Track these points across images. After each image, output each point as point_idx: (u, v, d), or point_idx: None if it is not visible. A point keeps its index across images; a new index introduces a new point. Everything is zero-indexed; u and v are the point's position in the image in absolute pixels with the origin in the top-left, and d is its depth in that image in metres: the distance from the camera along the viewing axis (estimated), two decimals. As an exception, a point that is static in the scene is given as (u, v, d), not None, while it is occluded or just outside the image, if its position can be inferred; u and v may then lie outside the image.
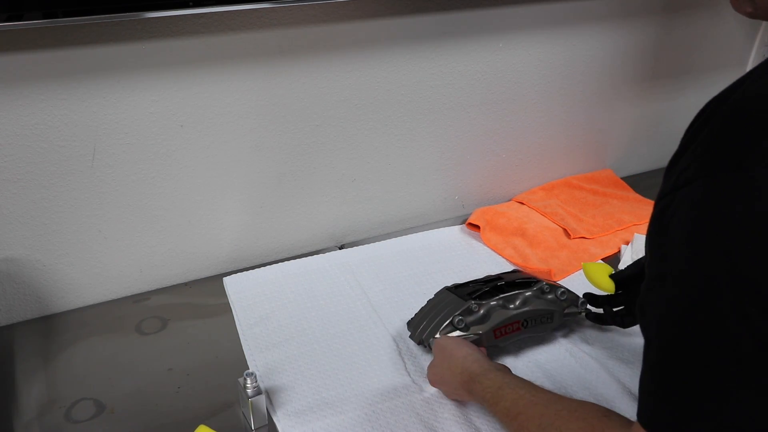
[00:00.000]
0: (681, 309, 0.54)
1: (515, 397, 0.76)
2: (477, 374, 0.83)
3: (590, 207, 1.39)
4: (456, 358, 0.87)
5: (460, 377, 0.85)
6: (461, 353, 0.87)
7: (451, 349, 0.89)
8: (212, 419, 0.88)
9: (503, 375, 0.81)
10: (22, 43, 0.90)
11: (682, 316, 0.54)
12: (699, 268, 0.52)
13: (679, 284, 0.54)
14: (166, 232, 1.13)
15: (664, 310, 0.56)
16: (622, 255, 1.22)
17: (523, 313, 0.98)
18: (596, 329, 1.05)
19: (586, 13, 1.30)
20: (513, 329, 0.97)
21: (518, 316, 0.97)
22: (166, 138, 1.05)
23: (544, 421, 0.70)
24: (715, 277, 0.51)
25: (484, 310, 0.97)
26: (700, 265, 0.52)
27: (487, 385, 0.80)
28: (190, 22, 0.98)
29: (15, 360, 0.98)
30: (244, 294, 1.12)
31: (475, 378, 0.82)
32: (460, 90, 1.26)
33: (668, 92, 1.51)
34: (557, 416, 0.70)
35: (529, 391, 0.76)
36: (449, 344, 0.90)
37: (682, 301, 0.54)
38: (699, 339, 0.53)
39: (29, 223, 1.02)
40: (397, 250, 1.25)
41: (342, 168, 1.23)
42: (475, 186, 1.40)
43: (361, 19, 1.10)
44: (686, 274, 0.54)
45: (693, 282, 0.53)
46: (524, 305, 0.98)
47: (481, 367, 0.84)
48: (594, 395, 0.89)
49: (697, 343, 0.54)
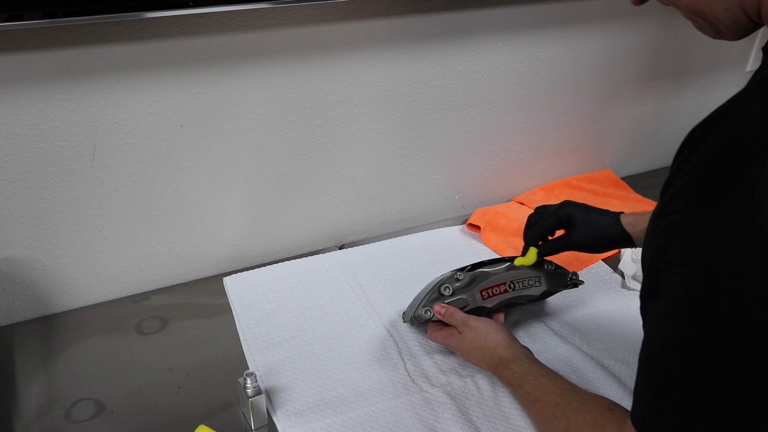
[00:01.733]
0: (673, 325, 0.58)
1: (537, 384, 0.84)
2: (507, 360, 0.90)
3: (590, 207, 1.39)
4: (490, 340, 0.93)
5: (491, 360, 0.92)
6: (496, 338, 0.93)
7: (486, 332, 0.94)
8: (212, 419, 0.88)
9: (530, 363, 0.89)
10: (22, 43, 0.90)
11: (675, 331, 0.58)
12: (687, 291, 0.56)
13: (672, 303, 0.57)
14: (166, 232, 1.13)
15: (657, 322, 0.61)
16: (622, 255, 1.22)
17: (509, 275, 1.01)
18: (595, 329, 1.05)
19: (586, 13, 1.30)
20: (500, 291, 1.00)
21: (504, 277, 1.00)
22: (166, 138, 1.05)
23: (557, 410, 0.79)
24: (702, 300, 0.55)
25: (470, 277, 1.00)
26: (688, 288, 0.56)
27: (515, 371, 0.88)
28: (190, 22, 0.98)
29: (15, 360, 0.98)
30: (244, 294, 1.12)
31: (505, 363, 0.90)
32: (460, 90, 1.26)
33: (668, 92, 1.51)
34: (569, 406, 0.78)
35: (549, 380, 0.84)
36: (483, 327, 0.95)
37: (674, 318, 0.58)
38: (691, 352, 0.57)
39: (29, 223, 1.02)
40: (397, 250, 1.25)
41: (342, 168, 1.23)
42: (475, 186, 1.40)
43: (361, 19, 1.10)
44: (678, 295, 0.57)
45: (685, 303, 0.56)
46: (511, 269, 1.02)
47: (512, 353, 0.91)
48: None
49: (688, 358, 0.57)
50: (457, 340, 0.95)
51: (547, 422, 0.80)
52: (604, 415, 0.73)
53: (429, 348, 1.00)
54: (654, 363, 0.61)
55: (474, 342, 0.94)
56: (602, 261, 1.22)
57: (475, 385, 0.93)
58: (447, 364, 0.97)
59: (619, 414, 0.73)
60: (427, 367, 0.97)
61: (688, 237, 0.55)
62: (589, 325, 1.06)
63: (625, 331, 1.04)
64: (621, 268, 1.19)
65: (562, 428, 0.77)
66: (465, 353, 0.95)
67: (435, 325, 0.98)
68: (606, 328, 1.05)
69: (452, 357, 0.98)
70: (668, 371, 0.58)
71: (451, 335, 0.96)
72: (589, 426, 0.73)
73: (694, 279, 0.55)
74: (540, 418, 0.82)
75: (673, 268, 0.56)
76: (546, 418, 0.80)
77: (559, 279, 1.04)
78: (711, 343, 0.54)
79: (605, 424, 0.71)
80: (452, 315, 0.96)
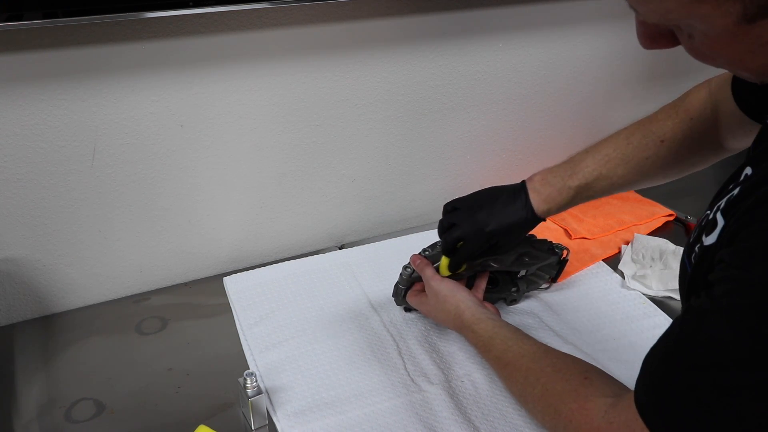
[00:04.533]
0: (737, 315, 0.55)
1: (504, 348, 0.83)
2: (469, 323, 0.90)
3: (590, 207, 1.39)
4: (449, 303, 0.93)
5: (453, 323, 0.93)
6: (454, 300, 0.93)
7: (444, 294, 0.94)
8: (212, 419, 0.88)
9: (493, 325, 0.88)
10: (22, 43, 0.90)
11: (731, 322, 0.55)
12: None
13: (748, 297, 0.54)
14: (166, 232, 1.13)
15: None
16: (623, 255, 1.22)
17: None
18: (595, 329, 1.05)
19: (586, 13, 1.30)
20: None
21: None
22: (166, 138, 1.05)
23: (530, 375, 0.78)
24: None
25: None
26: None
27: (480, 334, 0.88)
28: (190, 22, 0.98)
29: (15, 360, 0.98)
30: (244, 294, 1.12)
31: (467, 326, 0.90)
32: (460, 90, 1.26)
33: (668, 92, 1.51)
34: (542, 372, 0.77)
35: (516, 343, 0.83)
36: (442, 289, 0.95)
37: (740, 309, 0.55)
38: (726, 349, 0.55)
39: (29, 223, 1.02)
40: (397, 250, 1.25)
41: (342, 168, 1.23)
42: (475, 186, 1.39)
43: (361, 19, 1.10)
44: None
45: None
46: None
47: (472, 315, 0.90)
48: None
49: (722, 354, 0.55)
50: (423, 304, 0.98)
51: (520, 386, 0.79)
52: (583, 385, 0.71)
53: (429, 348, 1.00)
54: (687, 360, 0.58)
55: (435, 305, 0.96)
56: (602, 261, 1.22)
57: (474, 385, 0.93)
58: (446, 363, 0.97)
59: (598, 384, 0.71)
60: (426, 367, 0.97)
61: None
62: (589, 325, 1.06)
63: (625, 331, 1.04)
64: (621, 268, 1.19)
65: (538, 394, 0.76)
66: (433, 317, 0.98)
67: (414, 290, 1.02)
68: (606, 328, 1.05)
69: (451, 357, 0.98)
70: (706, 376, 0.56)
71: (422, 302, 0.99)
72: (570, 396, 0.71)
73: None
74: (512, 382, 0.82)
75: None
76: (519, 381, 0.80)
77: (540, 244, 1.07)
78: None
79: (587, 395, 0.70)
80: (423, 268, 0.98)
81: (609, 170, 0.93)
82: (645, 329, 1.04)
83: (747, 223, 0.57)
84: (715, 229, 0.61)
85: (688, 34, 0.56)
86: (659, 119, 0.94)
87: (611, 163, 0.93)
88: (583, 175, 0.93)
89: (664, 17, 0.55)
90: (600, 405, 0.67)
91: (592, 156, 0.94)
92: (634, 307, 1.10)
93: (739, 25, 0.51)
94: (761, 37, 0.52)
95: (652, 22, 0.58)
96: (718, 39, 0.54)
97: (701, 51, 0.56)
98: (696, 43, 0.56)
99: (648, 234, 1.28)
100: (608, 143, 0.95)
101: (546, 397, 0.75)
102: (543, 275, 1.09)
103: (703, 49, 0.56)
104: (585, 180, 0.93)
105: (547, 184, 0.95)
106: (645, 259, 1.19)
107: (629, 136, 0.94)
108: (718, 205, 0.64)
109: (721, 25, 0.52)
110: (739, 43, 0.53)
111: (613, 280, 1.17)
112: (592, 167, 0.94)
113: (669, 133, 0.92)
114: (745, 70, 0.57)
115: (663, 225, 1.33)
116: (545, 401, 0.75)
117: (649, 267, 1.16)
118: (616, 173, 0.93)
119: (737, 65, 0.56)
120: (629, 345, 1.01)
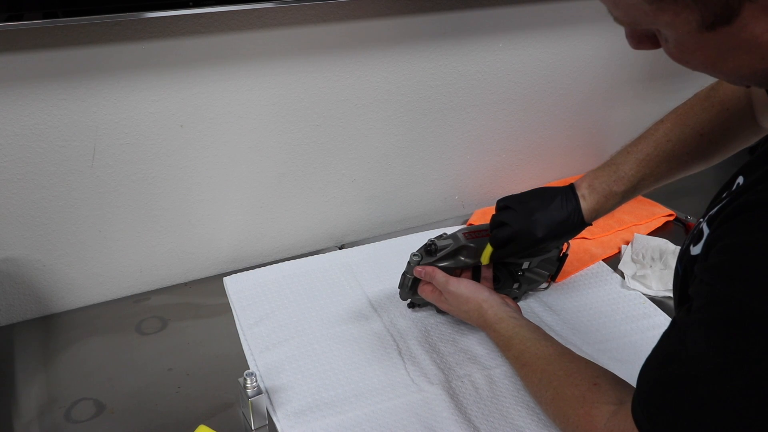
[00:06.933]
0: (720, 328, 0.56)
1: (522, 349, 0.87)
2: (491, 322, 0.93)
3: (590, 207, 1.39)
4: (471, 303, 0.95)
5: (477, 322, 0.96)
6: (476, 300, 0.95)
7: (467, 296, 0.96)
8: (212, 419, 0.88)
9: (514, 324, 0.91)
10: (22, 43, 0.90)
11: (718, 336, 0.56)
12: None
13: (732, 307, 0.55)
14: (166, 232, 1.13)
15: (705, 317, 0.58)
16: (623, 255, 1.22)
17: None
18: (596, 329, 1.05)
19: (586, 13, 1.30)
20: (482, 234, 1.02)
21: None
22: (166, 138, 1.05)
23: (544, 378, 0.81)
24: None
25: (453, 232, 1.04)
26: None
27: (501, 333, 0.91)
28: (190, 22, 0.98)
29: (15, 360, 0.98)
30: (244, 294, 1.12)
31: (489, 325, 0.93)
32: (460, 90, 1.26)
33: (668, 92, 1.51)
34: (555, 376, 0.80)
35: (534, 344, 0.86)
36: (463, 291, 0.97)
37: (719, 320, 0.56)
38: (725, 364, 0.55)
39: (29, 223, 1.02)
40: (397, 250, 1.24)
41: (342, 168, 1.23)
42: (475, 186, 1.40)
43: (361, 19, 1.10)
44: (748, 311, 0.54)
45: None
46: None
47: (495, 314, 0.93)
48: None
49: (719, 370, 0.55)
50: (442, 302, 0.99)
51: (535, 388, 0.83)
52: (591, 391, 0.73)
53: (429, 348, 1.00)
54: (685, 371, 0.59)
55: (457, 306, 0.97)
56: (602, 261, 1.22)
57: (474, 385, 0.93)
58: (446, 363, 0.97)
59: (605, 389, 0.73)
60: (426, 367, 0.97)
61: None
62: (589, 325, 1.06)
63: (625, 331, 1.04)
64: (621, 268, 1.19)
65: (550, 398, 0.79)
66: (454, 314, 1.00)
67: (425, 284, 1.02)
68: (606, 328, 1.05)
69: (451, 357, 0.98)
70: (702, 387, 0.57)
71: (440, 300, 0.99)
72: (578, 402, 0.73)
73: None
74: (528, 382, 0.85)
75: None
76: (534, 383, 0.83)
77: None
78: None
79: (594, 402, 0.72)
80: (433, 276, 0.98)
81: (651, 169, 0.95)
82: (645, 329, 1.04)
83: (719, 237, 0.58)
84: (702, 239, 0.63)
85: (665, 38, 0.57)
86: (695, 113, 0.94)
87: (653, 162, 0.94)
88: (628, 180, 0.95)
89: (634, 23, 0.56)
90: (604, 412, 0.69)
91: (634, 157, 0.96)
92: (634, 307, 1.10)
93: (701, 33, 0.52)
94: (725, 43, 0.52)
95: (625, 26, 0.58)
96: (686, 44, 0.55)
97: (676, 55, 0.57)
98: (671, 48, 0.57)
99: (648, 234, 1.28)
100: (647, 141, 0.96)
101: (557, 401, 0.77)
102: (543, 272, 1.09)
103: (677, 54, 0.57)
104: (630, 184, 0.95)
105: (594, 191, 0.97)
106: (645, 259, 1.19)
107: (668, 133, 0.94)
108: (709, 214, 0.65)
109: (685, 31, 0.53)
110: (706, 48, 0.54)
111: (613, 280, 1.17)
112: (635, 170, 0.95)
113: (707, 127, 0.92)
114: (720, 73, 0.58)
115: (663, 225, 1.33)
116: (556, 405, 0.77)
117: (649, 267, 1.16)
118: (659, 171, 0.95)
119: (711, 69, 0.57)
120: (629, 345, 1.01)
